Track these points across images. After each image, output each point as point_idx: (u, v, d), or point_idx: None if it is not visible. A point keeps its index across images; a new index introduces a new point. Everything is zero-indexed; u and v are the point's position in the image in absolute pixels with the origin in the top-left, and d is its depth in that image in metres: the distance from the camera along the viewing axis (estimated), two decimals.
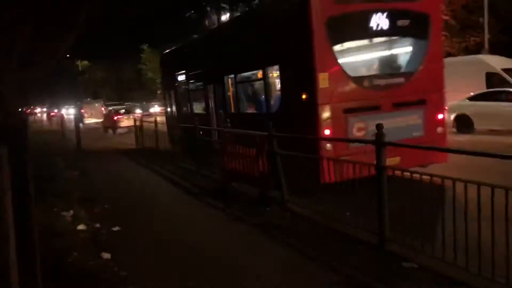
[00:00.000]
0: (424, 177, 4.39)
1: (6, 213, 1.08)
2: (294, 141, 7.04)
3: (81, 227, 6.18)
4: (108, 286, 4.24)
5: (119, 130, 26.56)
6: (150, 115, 28.33)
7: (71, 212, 6.83)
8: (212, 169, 9.47)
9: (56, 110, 49.67)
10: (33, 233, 1.56)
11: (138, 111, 32.55)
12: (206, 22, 12.34)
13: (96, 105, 38.04)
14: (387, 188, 4.80)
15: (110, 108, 35.36)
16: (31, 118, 46.35)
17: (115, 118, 27.97)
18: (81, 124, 23.70)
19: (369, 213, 5.03)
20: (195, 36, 12.80)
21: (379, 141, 4.93)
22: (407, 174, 4.65)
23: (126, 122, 26.63)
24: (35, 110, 57.69)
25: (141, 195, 8.67)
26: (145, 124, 16.12)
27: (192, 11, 13.33)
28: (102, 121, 31.82)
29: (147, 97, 53.85)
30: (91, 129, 29.07)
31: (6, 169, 1.08)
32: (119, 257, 5.10)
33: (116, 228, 6.24)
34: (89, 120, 27.06)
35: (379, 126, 4.90)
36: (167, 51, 16.10)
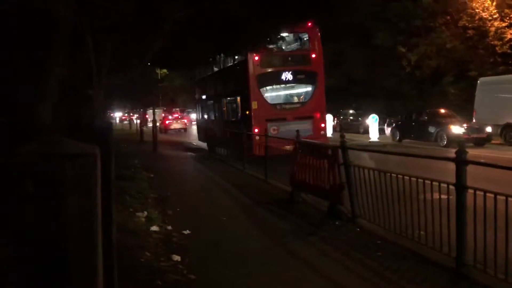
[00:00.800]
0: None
1: (97, 210, 1.13)
2: (232, 131, 14.47)
3: (154, 228, 6.41)
4: None
5: (169, 131, 35.05)
6: None
7: (145, 213, 7.12)
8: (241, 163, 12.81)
9: (126, 115, 60.65)
10: (113, 231, 1.62)
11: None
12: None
13: (157, 112, 44.07)
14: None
15: (164, 114, 44.61)
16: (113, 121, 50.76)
17: (166, 122, 37.03)
18: (144, 127, 29.37)
19: (446, 233, 4.75)
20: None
21: (460, 159, 4.65)
22: (489, 195, 4.36)
23: (174, 125, 37.58)
24: (114, 115, 61.90)
25: (210, 200, 8.84)
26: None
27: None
28: (159, 124, 38.26)
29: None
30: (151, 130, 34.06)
31: (99, 167, 1.15)
32: (189, 260, 5.22)
33: (186, 231, 6.40)
34: (151, 124, 32.86)
35: (462, 154, 4.63)
36: (197, 78, 22.52)
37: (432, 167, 4.82)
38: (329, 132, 25.02)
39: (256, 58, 13.83)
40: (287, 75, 14.59)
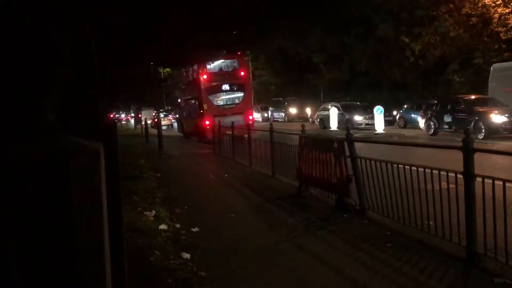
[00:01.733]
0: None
1: (102, 207, 1.13)
2: (194, 123, 23.57)
3: (162, 226, 6.42)
4: (188, 285, 4.35)
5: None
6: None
7: (153, 212, 7.13)
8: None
9: (123, 115, 68.66)
10: (122, 230, 1.62)
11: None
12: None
13: (149, 111, 50.58)
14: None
15: (155, 112, 50.59)
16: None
17: (156, 120, 43.26)
18: (138, 125, 35.59)
19: (455, 223, 4.73)
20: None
21: (468, 147, 4.62)
22: (498, 182, 4.33)
23: (163, 121, 42.49)
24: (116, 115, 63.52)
25: (217, 197, 8.85)
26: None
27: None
28: (150, 122, 47.06)
29: None
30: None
31: (103, 164, 1.14)
32: (198, 257, 5.23)
33: (195, 229, 6.41)
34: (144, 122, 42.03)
35: (467, 135, 4.60)
36: (176, 88, 31.31)
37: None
38: (334, 126, 25.10)
39: (205, 76, 21.86)
40: (225, 87, 22.32)
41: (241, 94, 22.71)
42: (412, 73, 30.19)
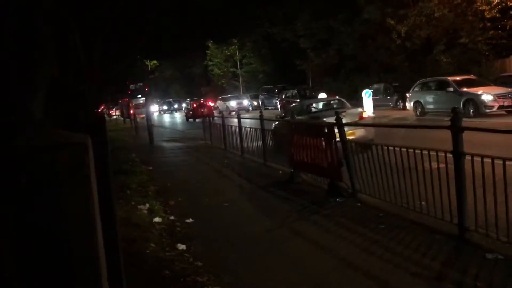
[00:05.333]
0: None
1: (93, 200, 1.13)
2: (127, 111, 43.64)
3: (157, 219, 6.42)
4: (185, 276, 4.37)
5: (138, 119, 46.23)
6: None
7: (147, 205, 7.12)
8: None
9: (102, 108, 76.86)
10: (115, 224, 1.62)
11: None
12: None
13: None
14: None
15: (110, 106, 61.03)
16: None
17: (131, 111, 50.38)
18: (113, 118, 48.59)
19: (447, 201, 4.79)
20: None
21: (456, 126, 4.66)
22: (487, 159, 4.38)
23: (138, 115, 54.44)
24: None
25: (210, 187, 8.84)
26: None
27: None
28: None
29: (213, 92, 55.15)
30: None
31: (92, 156, 1.14)
32: (194, 248, 5.25)
33: (189, 220, 6.43)
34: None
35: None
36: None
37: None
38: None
39: (129, 91, 43.12)
40: (139, 95, 44.47)
41: (145, 99, 41.49)
42: (399, 55, 30.24)
